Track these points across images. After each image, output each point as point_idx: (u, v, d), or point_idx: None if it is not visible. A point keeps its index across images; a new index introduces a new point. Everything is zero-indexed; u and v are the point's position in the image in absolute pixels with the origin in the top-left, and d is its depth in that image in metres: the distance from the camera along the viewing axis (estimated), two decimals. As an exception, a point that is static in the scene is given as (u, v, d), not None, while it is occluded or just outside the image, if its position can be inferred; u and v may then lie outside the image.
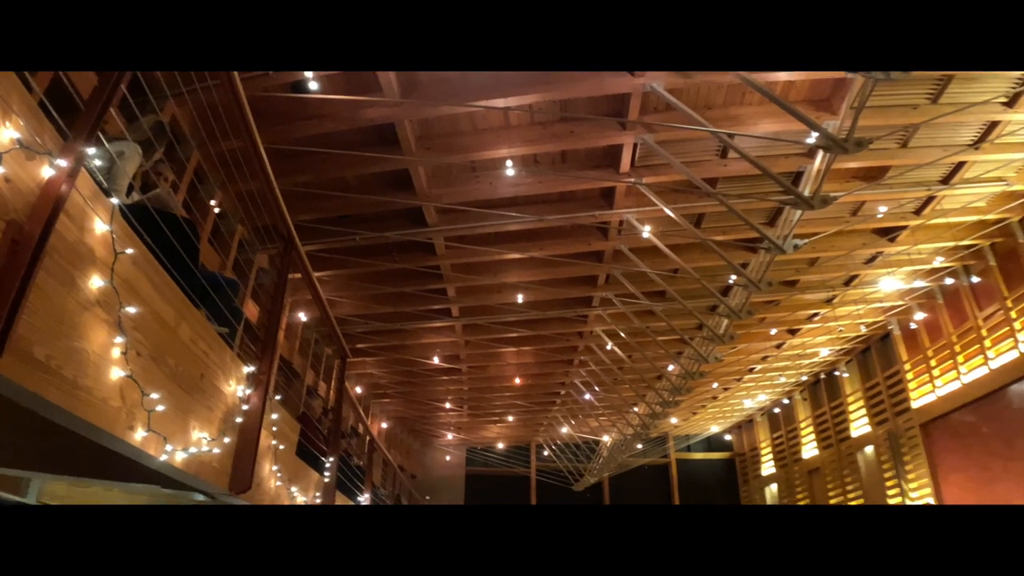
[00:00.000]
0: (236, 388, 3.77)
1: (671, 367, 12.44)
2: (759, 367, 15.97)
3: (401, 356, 13.76)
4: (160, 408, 2.78)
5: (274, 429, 4.22)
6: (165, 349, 2.99)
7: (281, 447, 4.30)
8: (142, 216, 3.00)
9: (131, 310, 2.63)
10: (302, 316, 10.88)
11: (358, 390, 15.08)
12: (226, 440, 3.45)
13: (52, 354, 2.16)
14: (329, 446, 5.77)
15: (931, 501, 13.65)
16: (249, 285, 8.12)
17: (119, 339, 2.54)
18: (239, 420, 3.64)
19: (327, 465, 5.59)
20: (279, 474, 4.30)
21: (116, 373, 2.52)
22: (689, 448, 22.94)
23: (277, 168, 4.56)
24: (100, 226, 2.41)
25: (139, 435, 2.73)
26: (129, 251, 2.59)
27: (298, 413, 6.48)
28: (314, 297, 5.18)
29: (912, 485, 14.32)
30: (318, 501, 5.25)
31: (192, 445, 3.10)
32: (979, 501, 12.59)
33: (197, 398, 3.31)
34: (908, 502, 14.25)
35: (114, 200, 2.51)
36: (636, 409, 14.99)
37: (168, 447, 2.85)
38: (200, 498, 4.07)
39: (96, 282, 2.38)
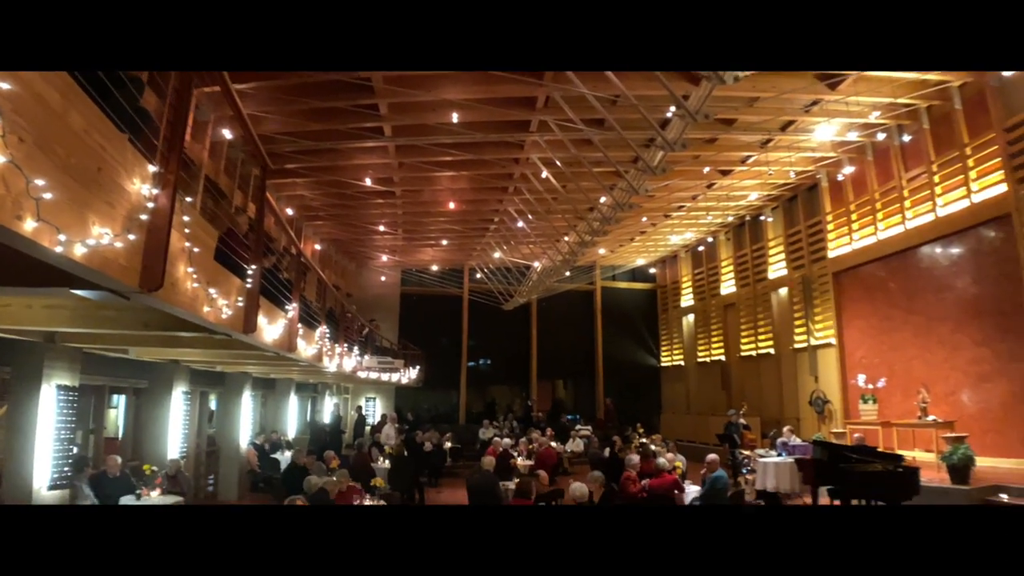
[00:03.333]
0: (141, 187, 3.61)
1: (603, 199, 12.62)
2: (688, 205, 16.42)
3: (333, 177, 13.39)
4: (48, 196, 2.65)
5: (187, 231, 4.13)
6: (52, 137, 2.80)
7: (196, 250, 4.26)
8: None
9: (3, 86, 2.41)
10: (227, 134, 10.28)
11: (289, 211, 14.79)
12: (131, 237, 3.37)
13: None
14: (251, 254, 5.76)
15: (832, 342, 15.08)
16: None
17: (-8, 118, 2.35)
18: (144, 218, 3.54)
19: (250, 273, 5.61)
20: (195, 276, 4.30)
21: (-5, 157, 2.36)
22: (614, 277, 24.10)
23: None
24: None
25: (29, 225, 2.64)
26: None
27: (224, 229, 6.33)
28: (224, 92, 4.85)
29: (818, 327, 15.69)
30: (240, 306, 5.34)
31: (91, 238, 3.02)
32: (876, 347, 14.00)
33: (95, 192, 3.17)
34: (812, 342, 15.69)
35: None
36: (567, 238, 15.39)
37: (62, 237, 2.77)
38: (113, 299, 4.05)
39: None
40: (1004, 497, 9.03)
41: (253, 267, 5.64)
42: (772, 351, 17.56)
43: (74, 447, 7.10)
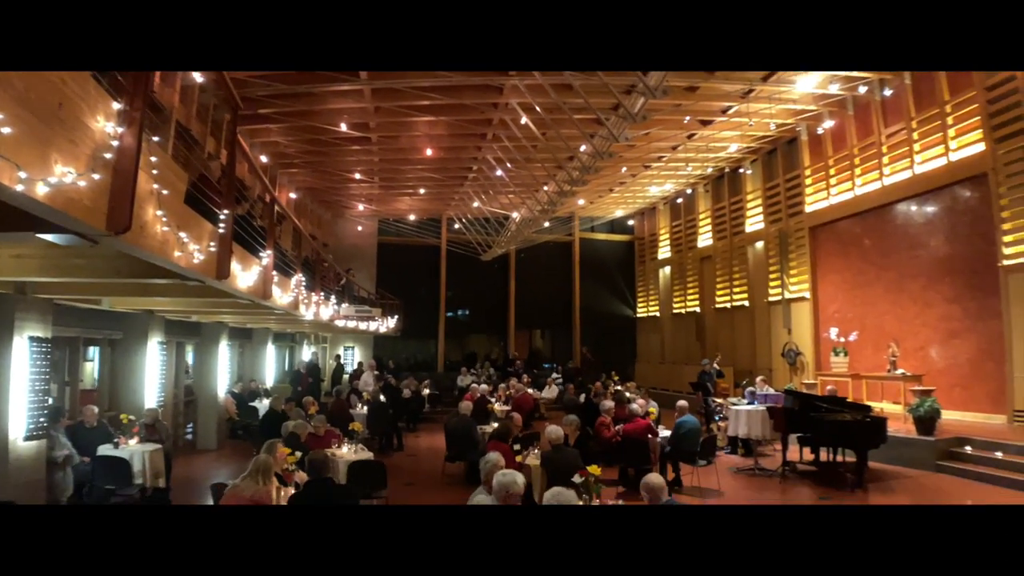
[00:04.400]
0: (105, 124, 3.46)
1: (583, 147, 12.48)
2: (667, 156, 16.33)
3: (308, 123, 13.01)
4: (6, 131, 2.53)
5: (155, 172, 4.00)
6: (8, 68, 2.65)
7: (165, 192, 4.13)
8: None
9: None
10: (198, 77, 9.87)
11: (263, 159, 14.41)
12: (96, 176, 3.24)
13: None
14: (223, 199, 5.61)
15: (807, 296, 15.31)
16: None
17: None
18: (109, 157, 3.40)
19: (222, 218, 5.48)
20: (165, 219, 4.18)
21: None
22: (593, 229, 24.11)
23: None
24: None
25: (-14, 160, 2.52)
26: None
27: (196, 175, 6.14)
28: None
29: (793, 280, 15.90)
30: (212, 251, 5.23)
31: (53, 176, 2.90)
32: (849, 301, 14.25)
33: (56, 129, 3.03)
34: (787, 295, 15.93)
35: None
36: (546, 188, 15.27)
37: (22, 174, 2.66)
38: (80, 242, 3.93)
39: None
40: (968, 449, 9.42)
41: (225, 212, 5.51)
42: (747, 304, 17.83)
43: (49, 398, 7.04)
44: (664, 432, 9.23)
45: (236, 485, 4.84)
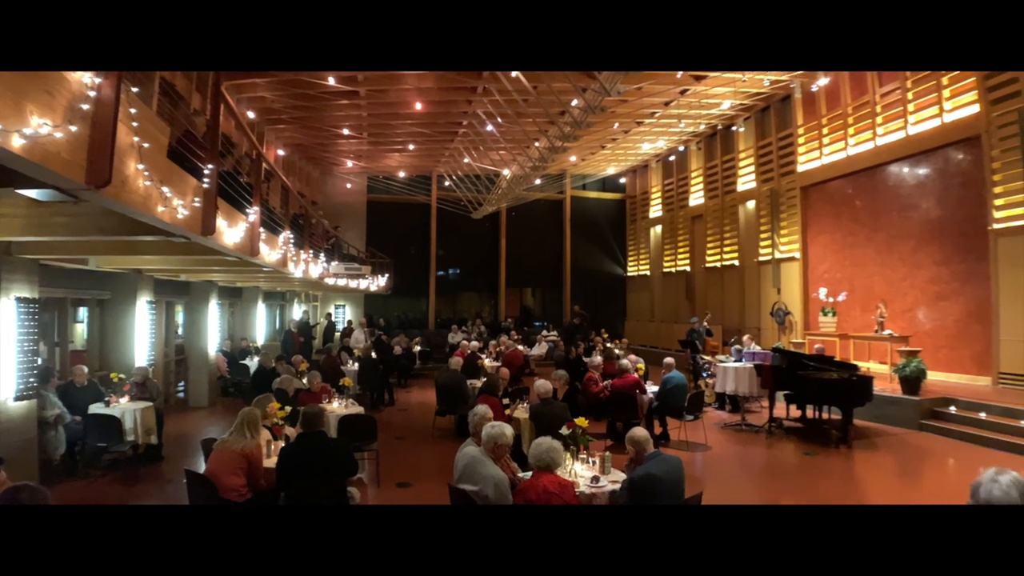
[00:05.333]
0: (81, 75, 3.34)
1: (575, 101, 12.28)
2: (660, 112, 16.10)
3: (294, 76, 12.68)
4: (-25, 79, 2.43)
5: (135, 124, 3.88)
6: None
7: (146, 145, 4.02)
8: None
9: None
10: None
11: (250, 115, 14.09)
12: (73, 128, 3.14)
13: None
14: (208, 153, 5.49)
15: (796, 256, 15.34)
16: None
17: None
18: (87, 108, 3.29)
19: (206, 173, 5.37)
20: (147, 174, 4.08)
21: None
22: (584, 187, 23.92)
23: None
24: None
25: (-44, 110, 2.43)
26: None
27: (182, 131, 5.99)
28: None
29: (783, 240, 15.90)
30: (197, 206, 5.13)
31: (29, 127, 2.81)
32: (838, 262, 14.29)
33: (30, 80, 2.92)
34: (777, 255, 15.95)
35: None
36: (537, 144, 15.08)
37: (-4, 125, 2.57)
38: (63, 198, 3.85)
39: None
40: (952, 409, 9.60)
41: (209, 167, 5.39)
42: (736, 263, 17.87)
43: (39, 359, 7.01)
44: (652, 388, 9.35)
45: (224, 440, 4.88)
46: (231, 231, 6.53)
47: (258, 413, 5.15)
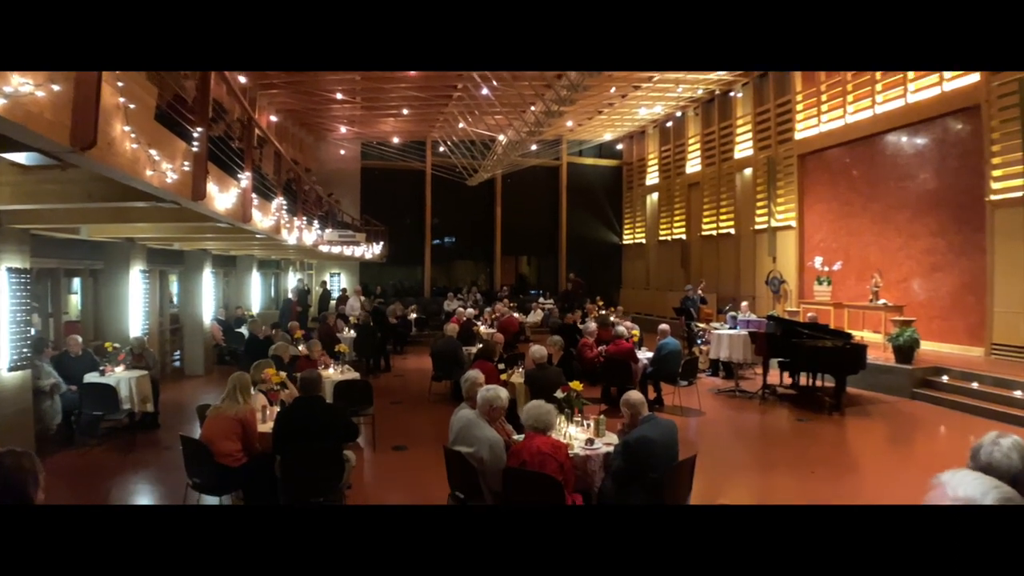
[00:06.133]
0: (62, 32, 3.24)
1: (572, 67, 12.05)
2: (657, 76, 15.86)
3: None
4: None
5: (120, 84, 3.77)
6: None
7: (132, 106, 3.92)
8: None
9: None
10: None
11: (242, 79, 13.82)
12: (55, 88, 3.05)
13: None
14: (197, 116, 5.38)
15: (793, 225, 15.27)
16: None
17: None
18: (68, 67, 3.19)
19: (196, 136, 5.26)
20: (134, 136, 3.98)
21: None
22: (581, 153, 23.68)
23: None
24: None
25: (-69, 66, 2.35)
26: None
27: (172, 95, 5.85)
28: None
29: (780, 209, 15.82)
30: (187, 170, 5.04)
31: (9, 86, 2.72)
32: (834, 231, 14.23)
33: (8, 35, 2.82)
34: (773, 223, 15.89)
35: None
36: (533, 108, 14.86)
37: (-28, 83, 2.49)
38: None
39: None
40: (944, 378, 9.67)
41: (199, 130, 5.29)
42: (732, 231, 17.82)
43: (32, 329, 6.97)
44: (647, 354, 9.38)
45: (218, 407, 4.90)
46: (222, 196, 6.44)
47: (248, 377, 5.16)
